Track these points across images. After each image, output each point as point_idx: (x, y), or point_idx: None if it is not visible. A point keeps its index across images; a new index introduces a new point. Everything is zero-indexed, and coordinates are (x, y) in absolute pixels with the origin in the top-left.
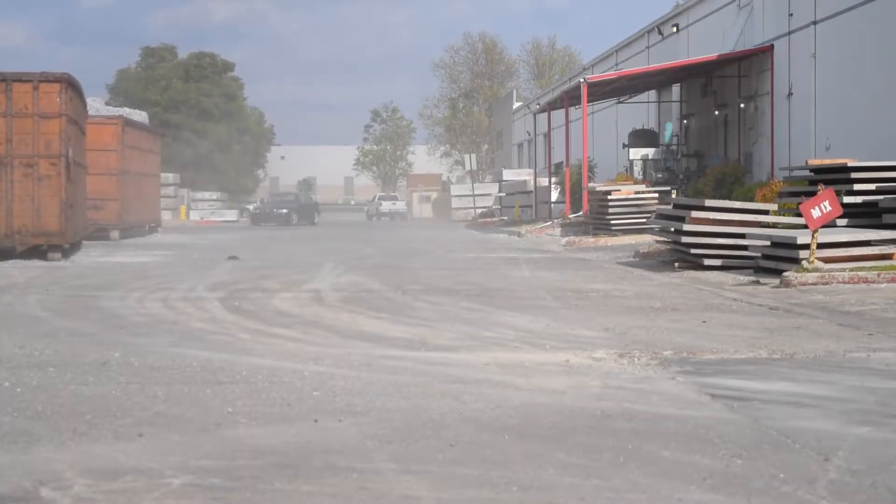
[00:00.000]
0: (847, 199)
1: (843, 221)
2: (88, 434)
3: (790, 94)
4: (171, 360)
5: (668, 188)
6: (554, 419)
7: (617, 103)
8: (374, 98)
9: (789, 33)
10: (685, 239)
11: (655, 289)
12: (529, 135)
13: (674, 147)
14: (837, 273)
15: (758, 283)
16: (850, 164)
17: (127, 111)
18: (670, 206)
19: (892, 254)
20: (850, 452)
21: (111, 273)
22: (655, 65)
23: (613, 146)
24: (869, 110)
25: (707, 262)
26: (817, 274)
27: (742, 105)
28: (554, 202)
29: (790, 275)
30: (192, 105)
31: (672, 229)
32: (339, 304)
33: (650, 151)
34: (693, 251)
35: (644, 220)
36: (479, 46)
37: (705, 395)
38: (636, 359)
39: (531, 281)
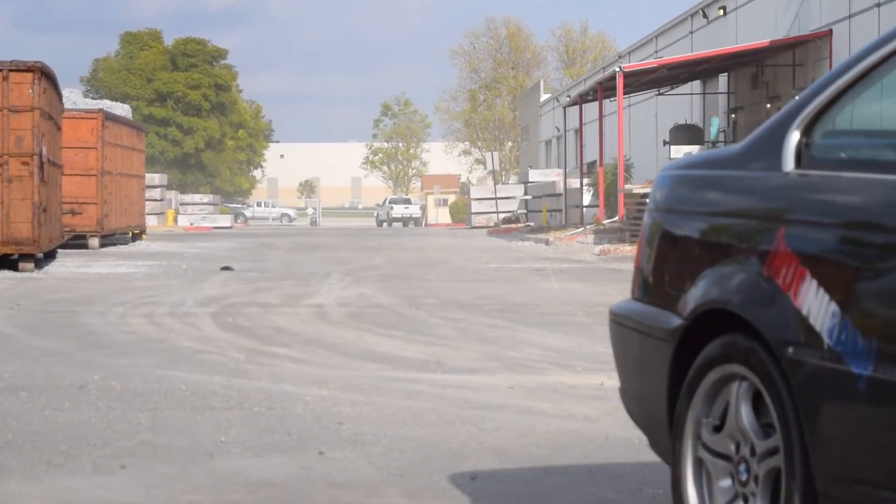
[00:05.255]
0: None
1: None
2: (64, 466)
3: None
4: (156, 383)
5: None
6: (586, 448)
7: (657, 95)
8: (385, 90)
9: (850, 17)
10: None
11: None
12: (559, 130)
13: (720, 144)
14: None
15: None
16: None
17: (108, 104)
18: None
19: None
20: None
21: (90, 285)
22: (700, 52)
23: (653, 143)
24: None
25: None
26: None
27: (797, 97)
28: (586, 206)
29: None
30: (179, 97)
31: None
32: (345, 320)
33: (694, 149)
34: None
35: None
36: (503, 32)
37: None
38: None
39: (560, 294)
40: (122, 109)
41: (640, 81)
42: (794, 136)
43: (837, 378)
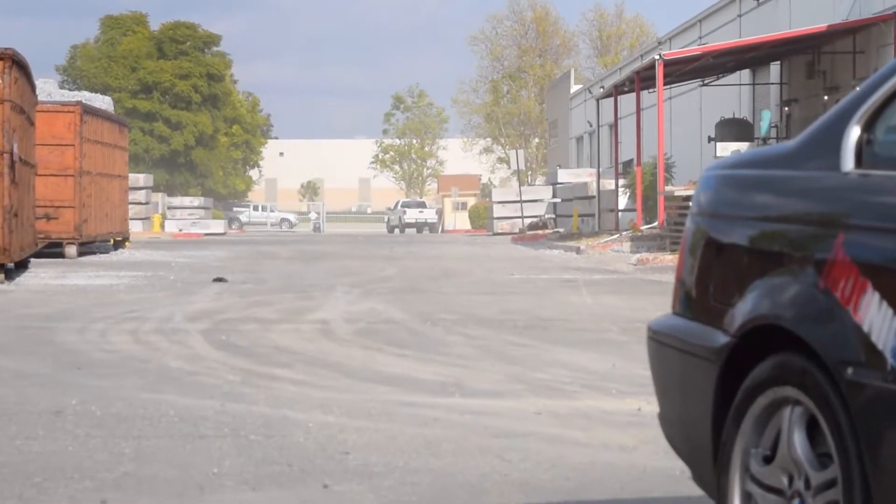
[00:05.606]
0: None
1: None
2: (38, 500)
3: None
4: (141, 407)
5: None
6: (622, 481)
7: (701, 86)
8: (397, 80)
9: None
10: None
11: None
12: (591, 125)
13: (772, 141)
14: None
15: None
16: None
17: (86, 96)
18: None
19: None
20: None
21: (67, 299)
22: (749, 38)
23: (696, 140)
24: None
25: None
26: None
27: (857, 88)
28: (622, 210)
29: None
30: (166, 88)
31: None
32: (353, 338)
33: (742, 146)
34: None
35: None
36: (528, 15)
37: None
38: None
39: (593, 309)
40: (103, 102)
41: (682, 71)
42: (854, 132)
43: None
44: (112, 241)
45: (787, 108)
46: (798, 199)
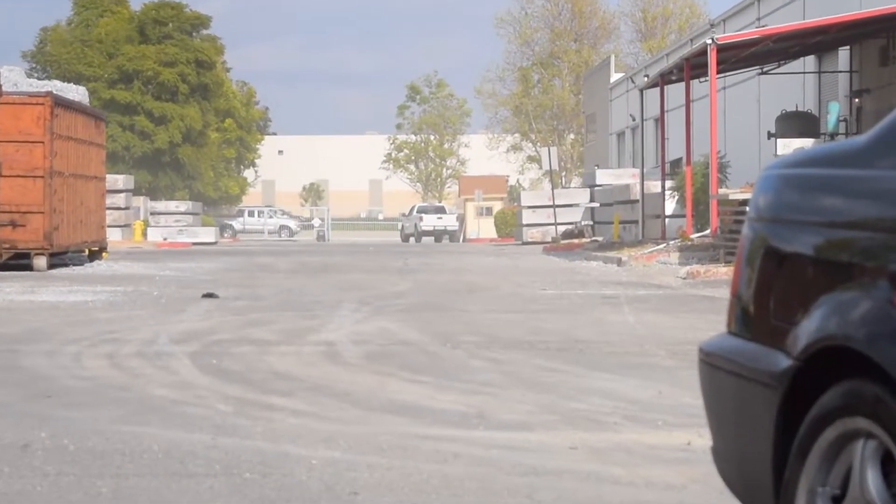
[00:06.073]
0: None
1: None
2: None
3: None
4: (120, 441)
5: None
6: None
7: (759, 74)
8: (412, 68)
9: None
10: None
11: None
12: (634, 119)
13: (841, 136)
14: None
15: None
16: None
17: (58, 86)
18: None
19: None
20: None
21: (36, 317)
22: (815, 19)
23: (754, 136)
24: None
25: None
26: None
27: None
28: (669, 216)
29: None
30: (149, 77)
31: None
32: (362, 361)
33: (807, 143)
34: None
35: None
36: None
37: None
38: None
39: (637, 329)
40: (77, 93)
41: (737, 57)
42: None
43: None
44: (87, 252)
45: (857, 100)
46: (870, 203)
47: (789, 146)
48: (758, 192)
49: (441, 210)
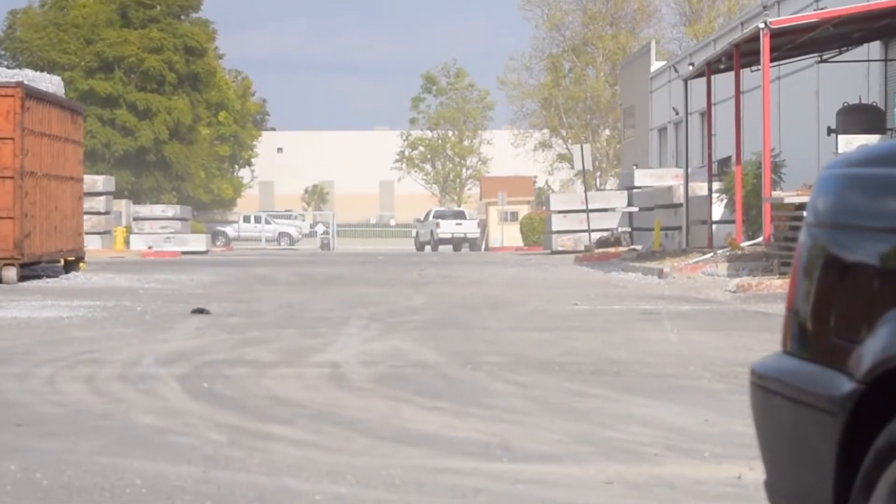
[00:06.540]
0: None
1: None
2: None
3: None
4: (100, 475)
5: None
6: None
7: (818, 63)
8: (428, 56)
9: None
10: None
11: None
12: (677, 113)
13: None
14: None
15: None
16: None
17: (30, 75)
18: None
19: None
20: None
21: (4, 336)
22: (880, 0)
23: (813, 131)
24: None
25: None
26: None
27: None
28: (717, 222)
29: None
30: (132, 66)
31: None
32: (371, 385)
33: (872, 139)
34: None
35: None
36: None
37: None
38: None
39: (680, 349)
40: (51, 83)
41: (793, 43)
42: None
43: None
44: (63, 262)
45: None
46: None
47: (852, 143)
48: (816, 194)
49: (460, 215)
